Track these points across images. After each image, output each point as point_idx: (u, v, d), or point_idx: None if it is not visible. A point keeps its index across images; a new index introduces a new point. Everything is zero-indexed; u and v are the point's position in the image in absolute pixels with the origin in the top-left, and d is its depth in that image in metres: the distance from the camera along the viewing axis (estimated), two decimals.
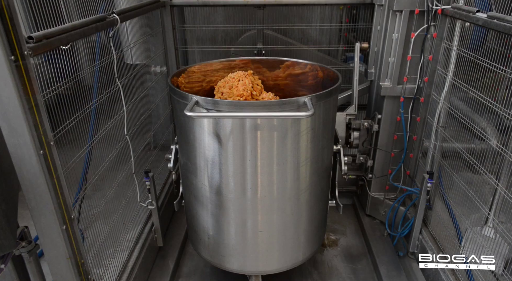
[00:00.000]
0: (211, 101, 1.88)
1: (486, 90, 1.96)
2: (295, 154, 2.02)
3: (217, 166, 2.04)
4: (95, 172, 2.06)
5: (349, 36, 3.51)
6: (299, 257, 2.38)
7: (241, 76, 2.32)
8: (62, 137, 1.63)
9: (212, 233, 2.28)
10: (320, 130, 2.07)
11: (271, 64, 2.66)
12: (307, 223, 2.31)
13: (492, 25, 1.77)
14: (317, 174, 2.20)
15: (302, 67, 2.58)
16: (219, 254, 2.33)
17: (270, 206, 2.13)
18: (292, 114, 1.85)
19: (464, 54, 2.11)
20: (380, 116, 2.85)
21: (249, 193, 2.07)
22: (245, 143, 1.94)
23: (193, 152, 2.12)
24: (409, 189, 2.74)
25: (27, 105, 1.28)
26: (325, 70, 2.44)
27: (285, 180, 2.07)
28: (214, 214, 2.21)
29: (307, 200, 2.21)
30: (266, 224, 2.19)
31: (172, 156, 2.37)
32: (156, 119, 3.17)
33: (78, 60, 1.99)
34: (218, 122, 1.93)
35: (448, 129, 2.36)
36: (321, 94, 1.96)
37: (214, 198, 2.16)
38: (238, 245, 2.25)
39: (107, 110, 2.15)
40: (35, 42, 1.35)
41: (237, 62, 2.64)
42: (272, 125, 1.92)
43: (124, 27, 2.57)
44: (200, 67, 2.54)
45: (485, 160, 1.98)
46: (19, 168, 1.36)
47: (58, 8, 1.65)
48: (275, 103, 1.88)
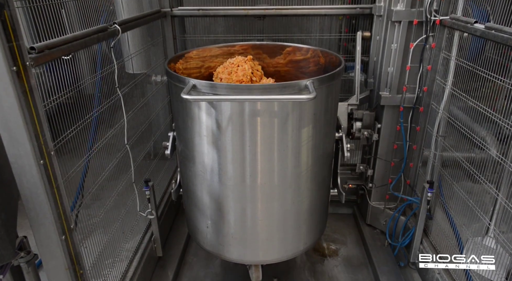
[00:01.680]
0: (208, 84, 1.82)
1: (485, 100, 1.97)
2: (296, 140, 1.95)
3: (215, 153, 1.99)
4: (95, 181, 2.06)
5: (349, 45, 3.53)
6: (300, 246, 2.33)
7: (240, 62, 2.27)
8: (62, 146, 1.64)
9: (211, 221, 2.23)
10: (322, 115, 2.01)
11: (272, 49, 2.59)
12: (308, 212, 2.25)
13: (490, 36, 1.79)
14: (319, 162, 2.14)
15: (304, 53, 2.52)
16: (218, 243, 2.27)
17: (270, 194, 2.07)
18: (293, 97, 1.77)
19: (463, 64, 2.12)
20: (380, 125, 2.86)
21: (249, 180, 2.01)
22: (244, 129, 1.89)
23: (191, 138, 2.06)
24: (410, 198, 2.73)
25: (28, 115, 1.28)
26: (327, 55, 2.38)
27: (285, 167, 2.01)
28: (212, 202, 2.15)
29: (308, 187, 2.16)
30: (266, 212, 2.13)
31: (170, 143, 2.32)
32: (157, 128, 3.18)
33: (79, 70, 2.00)
34: (217, 107, 1.87)
35: (448, 138, 2.36)
36: (323, 78, 1.90)
37: (212, 186, 2.10)
38: (238, 233, 2.19)
39: (108, 119, 2.16)
40: (37, 52, 1.36)
41: (236, 48, 2.57)
42: (272, 109, 1.86)
43: (125, 37, 2.59)
44: (198, 52, 2.48)
45: (485, 169, 1.98)
46: (19, 178, 1.36)
47: (60, 19, 1.66)
48: (276, 86, 1.83)
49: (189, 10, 3.14)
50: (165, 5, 3.07)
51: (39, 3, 1.50)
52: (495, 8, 1.88)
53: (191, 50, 2.47)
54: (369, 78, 3.01)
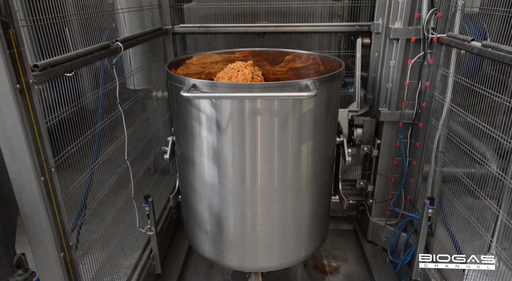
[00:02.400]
0: (208, 83, 1.82)
1: (484, 115, 1.98)
2: (296, 140, 1.94)
3: (215, 154, 1.97)
4: (95, 197, 2.05)
5: (348, 62, 3.58)
6: (300, 253, 2.29)
7: (240, 67, 2.27)
8: (62, 161, 1.64)
9: (210, 227, 2.19)
10: (322, 116, 2.01)
11: (272, 56, 2.60)
12: (309, 217, 2.21)
13: (486, 53, 1.81)
14: (320, 164, 2.13)
15: (304, 61, 2.54)
16: (218, 249, 2.23)
17: (270, 197, 2.05)
18: (294, 94, 1.77)
19: (461, 81, 2.14)
20: (379, 141, 2.86)
21: (249, 183, 1.99)
22: (244, 129, 1.88)
23: (190, 140, 2.05)
24: (410, 215, 2.72)
25: (30, 132, 1.29)
26: (327, 61, 2.39)
27: (286, 169, 1.99)
28: (211, 206, 2.13)
29: (309, 191, 2.13)
30: (266, 216, 2.10)
31: (169, 148, 2.31)
32: (157, 143, 3.18)
33: (81, 86, 2.02)
34: (217, 107, 1.86)
35: (447, 154, 2.37)
36: (324, 78, 1.91)
37: (211, 189, 2.07)
38: (237, 239, 2.16)
39: (108, 134, 2.17)
40: (40, 70, 1.38)
41: (236, 55, 2.59)
42: (272, 109, 1.86)
43: (127, 54, 2.63)
44: (199, 58, 2.49)
45: (486, 185, 1.97)
46: (19, 194, 1.36)
47: (64, 36, 1.69)
48: (276, 85, 1.82)
49: (190, 28, 3.19)
50: (167, 23, 3.12)
51: (44, 22, 1.52)
52: (492, 25, 1.91)
53: (192, 57, 2.48)
54: (368, 94, 3.04)
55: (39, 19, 1.50)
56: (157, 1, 3.02)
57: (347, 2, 3.13)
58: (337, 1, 3.18)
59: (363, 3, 3.08)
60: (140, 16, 2.76)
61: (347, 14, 3.20)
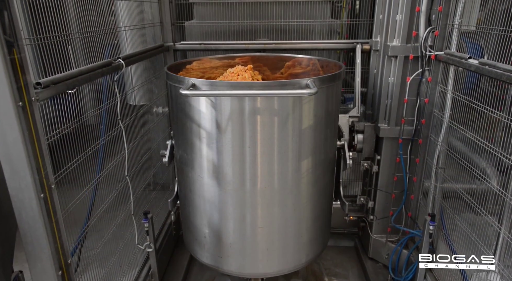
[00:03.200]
0: (208, 82, 1.82)
1: (483, 131, 1.99)
2: (296, 141, 1.94)
3: (214, 155, 1.96)
4: (94, 213, 2.04)
5: (347, 77, 3.61)
6: (301, 258, 2.25)
7: (240, 71, 2.29)
8: (62, 177, 1.64)
9: (209, 231, 2.16)
10: (323, 118, 2.01)
11: (272, 61, 2.61)
12: (310, 220, 2.19)
13: (484, 71, 1.84)
14: (321, 167, 2.11)
15: (304, 66, 2.56)
16: (216, 255, 2.20)
17: (270, 199, 2.02)
18: (294, 92, 1.77)
19: (459, 98, 2.16)
20: (379, 157, 2.87)
21: (248, 184, 1.98)
22: (244, 129, 1.87)
23: (189, 141, 2.04)
24: (411, 231, 2.70)
25: (31, 149, 1.30)
26: (327, 66, 2.41)
27: (286, 171, 1.98)
28: (210, 209, 2.10)
29: (310, 193, 2.12)
30: (266, 220, 2.07)
31: (168, 151, 2.31)
32: (157, 159, 3.18)
33: (82, 101, 2.03)
34: (216, 106, 1.86)
35: (448, 169, 2.37)
36: (324, 78, 1.91)
37: (210, 191, 2.06)
38: (237, 243, 2.13)
39: (108, 150, 2.17)
40: (42, 87, 1.39)
41: (237, 60, 2.61)
42: (272, 108, 1.85)
43: (129, 70, 2.65)
44: (199, 64, 2.50)
45: (487, 201, 1.97)
46: (19, 211, 1.36)
47: (66, 53, 1.71)
48: (276, 83, 1.83)
49: (191, 45, 3.23)
50: (168, 40, 3.16)
51: (47, 41, 1.55)
52: (488, 42, 1.94)
53: (192, 62, 2.49)
54: (368, 110, 3.06)
55: (43, 37, 1.53)
56: (159, 19, 3.07)
57: (346, 20, 3.18)
58: (336, 19, 3.23)
59: (361, 21, 3.13)
60: (142, 33, 2.81)
61: (346, 31, 3.25)
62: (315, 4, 3.07)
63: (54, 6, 1.61)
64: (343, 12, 3.23)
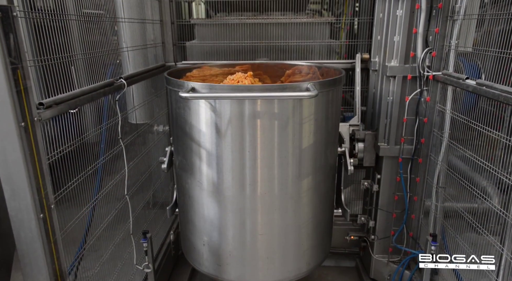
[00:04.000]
0: (207, 85, 1.83)
1: (483, 150, 1.99)
2: (297, 145, 1.93)
3: (214, 160, 1.94)
4: (93, 232, 2.02)
5: (346, 96, 3.64)
6: (302, 267, 2.21)
7: (240, 78, 2.30)
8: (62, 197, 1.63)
9: (208, 238, 2.13)
10: (323, 122, 2.00)
11: (273, 69, 2.63)
12: (311, 228, 2.16)
13: (481, 91, 1.86)
14: (321, 173, 2.09)
15: (304, 74, 2.57)
16: (215, 263, 2.15)
17: (270, 205, 2.00)
18: (294, 94, 1.77)
19: (458, 118, 2.18)
20: (379, 176, 2.86)
21: (248, 190, 1.96)
22: (244, 133, 1.86)
23: (189, 146, 2.03)
24: (413, 251, 2.67)
25: (32, 169, 1.30)
26: (327, 74, 2.42)
27: (286, 175, 1.96)
28: (210, 215, 2.07)
29: (310, 199, 2.09)
30: (266, 226, 2.04)
31: (167, 157, 2.30)
32: (157, 178, 3.18)
33: (83, 120, 2.05)
34: (216, 110, 1.86)
35: (448, 188, 2.36)
36: (324, 82, 1.91)
37: (209, 197, 2.03)
38: (236, 251, 2.09)
39: (108, 168, 2.17)
40: (45, 108, 1.41)
41: (237, 68, 2.63)
42: (272, 112, 1.85)
43: (130, 89, 2.68)
44: (199, 72, 2.52)
45: (488, 221, 1.95)
46: (18, 232, 1.35)
47: (70, 74, 1.73)
48: (276, 87, 1.84)
49: (192, 64, 3.27)
50: (170, 60, 3.21)
51: (51, 62, 1.57)
52: (485, 63, 1.97)
53: (192, 68, 2.51)
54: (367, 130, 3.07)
55: (47, 59, 1.55)
56: (161, 39, 3.13)
57: (345, 41, 3.23)
58: (335, 39, 3.29)
59: (360, 41, 3.18)
60: (144, 53, 2.85)
61: (345, 51, 3.30)
62: (314, 25, 3.13)
63: (58, 27, 1.64)
64: (341, 33, 3.29)
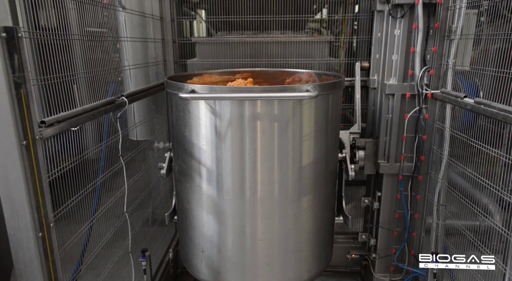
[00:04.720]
0: (207, 87, 1.83)
1: (483, 167, 1.99)
2: (297, 149, 1.92)
3: (213, 163, 1.93)
4: (92, 250, 2.00)
5: (346, 112, 3.66)
6: (303, 274, 2.17)
7: (240, 84, 2.32)
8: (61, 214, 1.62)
9: (207, 244, 2.10)
10: (323, 126, 2.00)
11: (273, 76, 2.65)
12: (311, 233, 2.13)
13: (479, 110, 1.87)
14: (322, 177, 2.08)
15: (304, 83, 2.56)
16: (215, 270, 2.11)
17: (271, 209, 1.98)
18: (294, 94, 1.77)
19: (457, 136, 2.18)
20: (380, 193, 2.85)
21: (248, 194, 1.94)
22: (244, 135, 1.86)
23: (188, 150, 2.02)
24: (415, 270, 2.63)
25: (32, 188, 1.30)
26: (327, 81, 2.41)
27: (286, 179, 1.95)
28: (209, 220, 2.05)
29: (311, 205, 2.07)
30: (266, 231, 2.01)
31: (166, 163, 2.29)
32: (157, 194, 3.16)
33: (84, 138, 2.05)
34: (215, 112, 1.86)
35: (449, 205, 2.35)
36: (324, 84, 1.92)
37: (209, 201, 2.01)
38: (236, 257, 2.06)
39: (108, 185, 2.17)
40: (46, 126, 1.42)
41: (237, 76, 2.65)
42: (272, 114, 1.85)
43: (131, 106, 2.69)
44: (199, 79, 2.53)
45: (490, 239, 1.94)
46: (16, 251, 1.34)
47: (72, 92, 1.75)
48: (276, 88, 1.85)
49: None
50: None
51: (54, 81, 1.59)
52: (483, 81, 1.99)
53: (192, 76, 2.52)
54: None
55: (50, 78, 1.57)
56: (162, 57, 3.17)
57: (344, 59, 3.27)
58: (334, 58, 3.33)
59: (359, 60, 3.22)
60: (145, 70, 2.88)
61: (344, 69, 3.34)
62: (313, 44, 3.17)
63: (61, 45, 1.66)
64: (340, 51, 3.33)
